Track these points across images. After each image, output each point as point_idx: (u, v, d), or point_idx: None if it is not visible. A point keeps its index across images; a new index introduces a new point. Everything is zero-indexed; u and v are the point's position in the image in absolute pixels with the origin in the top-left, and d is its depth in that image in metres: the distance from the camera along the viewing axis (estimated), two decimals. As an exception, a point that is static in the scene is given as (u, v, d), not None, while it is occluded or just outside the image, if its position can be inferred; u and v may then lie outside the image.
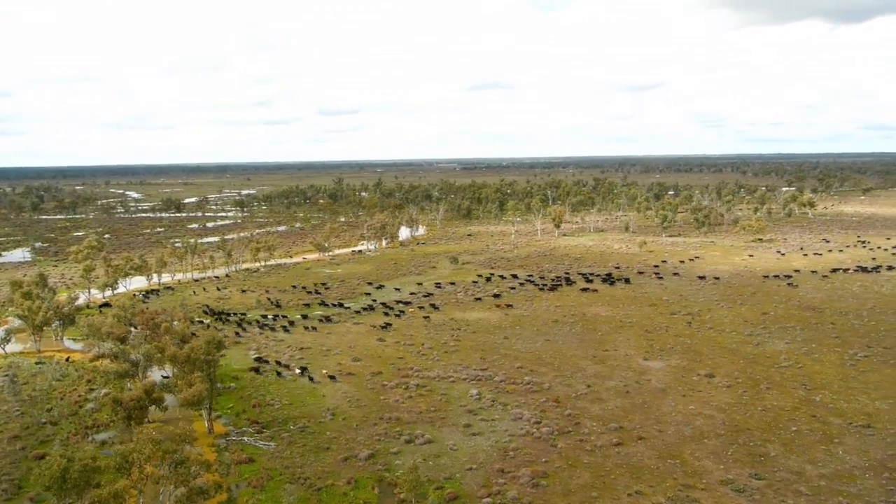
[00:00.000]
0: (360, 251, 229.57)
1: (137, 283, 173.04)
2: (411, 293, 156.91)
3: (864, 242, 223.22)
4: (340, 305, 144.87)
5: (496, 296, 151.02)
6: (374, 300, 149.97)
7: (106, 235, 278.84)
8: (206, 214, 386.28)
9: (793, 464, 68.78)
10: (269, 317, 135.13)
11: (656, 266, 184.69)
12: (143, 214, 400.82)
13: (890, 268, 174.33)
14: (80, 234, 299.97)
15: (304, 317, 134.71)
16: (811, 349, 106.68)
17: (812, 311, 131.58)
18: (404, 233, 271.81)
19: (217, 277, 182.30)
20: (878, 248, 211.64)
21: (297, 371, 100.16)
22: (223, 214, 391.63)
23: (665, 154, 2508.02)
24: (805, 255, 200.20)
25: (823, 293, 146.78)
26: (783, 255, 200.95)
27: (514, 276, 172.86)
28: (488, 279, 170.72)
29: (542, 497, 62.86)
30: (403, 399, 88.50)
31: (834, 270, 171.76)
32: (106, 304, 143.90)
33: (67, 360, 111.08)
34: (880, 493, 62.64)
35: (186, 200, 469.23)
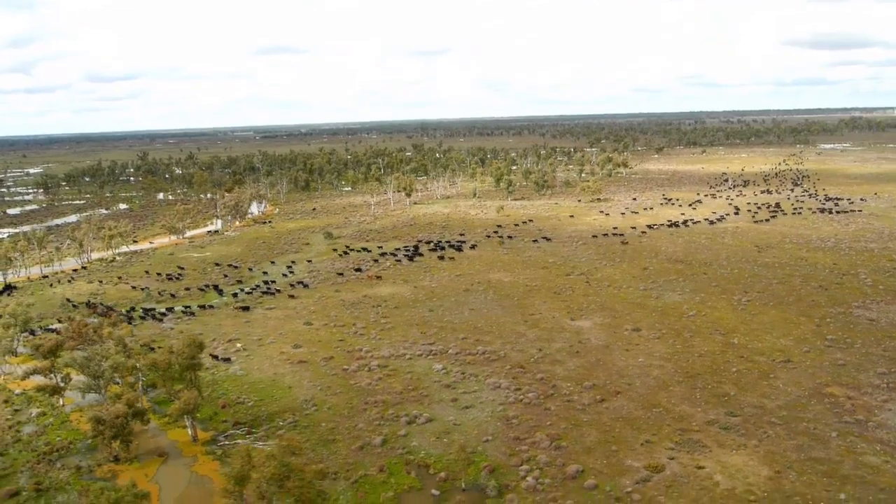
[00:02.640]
0: (215, 231, 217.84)
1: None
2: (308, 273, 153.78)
3: (670, 200, 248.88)
4: (219, 291, 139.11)
5: (357, 270, 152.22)
6: (267, 281, 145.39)
7: None
8: (5, 199, 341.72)
9: (751, 400, 79.51)
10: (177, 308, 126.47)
11: (499, 228, 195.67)
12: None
13: (696, 222, 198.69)
14: None
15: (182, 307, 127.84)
16: (703, 299, 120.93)
17: (681, 263, 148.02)
18: (253, 209, 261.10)
19: (75, 270, 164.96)
20: (687, 204, 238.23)
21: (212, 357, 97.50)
22: (21, 198, 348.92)
23: (458, 117, 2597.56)
24: (630, 212, 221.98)
25: (680, 247, 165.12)
26: (608, 214, 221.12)
27: (366, 250, 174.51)
28: (346, 253, 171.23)
29: (569, 457, 67.65)
30: (374, 381, 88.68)
31: (650, 227, 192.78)
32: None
33: None
34: (831, 416, 74.79)
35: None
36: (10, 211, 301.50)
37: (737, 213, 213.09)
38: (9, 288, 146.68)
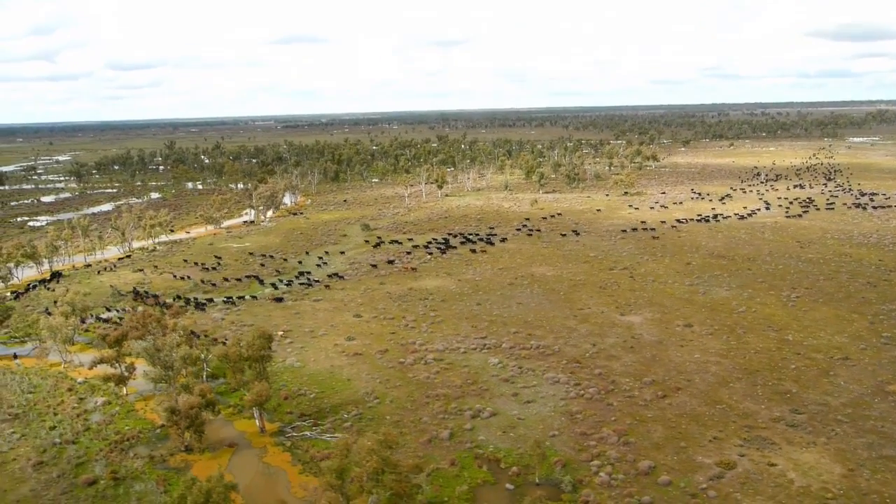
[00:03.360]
0: (251, 222, 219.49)
1: (30, 272, 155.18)
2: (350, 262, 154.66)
3: (700, 195, 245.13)
4: (261, 281, 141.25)
5: (390, 262, 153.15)
6: (304, 272, 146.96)
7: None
8: (39, 187, 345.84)
9: (814, 397, 79.33)
10: (231, 298, 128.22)
11: (526, 221, 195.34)
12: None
13: (725, 216, 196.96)
14: None
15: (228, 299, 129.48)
16: (750, 294, 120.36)
17: (723, 258, 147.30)
18: (286, 200, 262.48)
19: (120, 259, 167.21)
20: (717, 198, 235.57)
21: None
22: (53, 186, 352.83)
23: (476, 108, 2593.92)
24: (660, 207, 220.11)
25: (720, 242, 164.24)
26: (637, 208, 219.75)
27: (397, 242, 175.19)
28: (377, 245, 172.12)
29: (639, 453, 67.93)
30: (432, 375, 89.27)
31: (680, 220, 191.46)
32: (17, 295, 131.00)
33: (15, 356, 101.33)
34: (897, 414, 74.54)
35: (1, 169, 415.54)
36: (45, 199, 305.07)
37: (767, 209, 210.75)
38: (57, 275, 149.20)
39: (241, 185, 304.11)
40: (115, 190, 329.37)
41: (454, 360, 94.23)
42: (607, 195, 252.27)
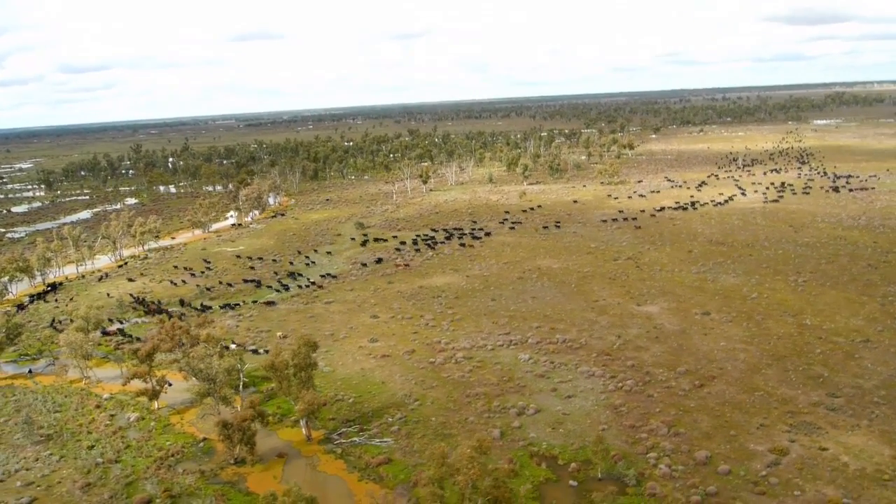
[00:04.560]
0: (238, 224, 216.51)
1: (21, 285, 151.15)
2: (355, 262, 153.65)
3: (675, 182, 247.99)
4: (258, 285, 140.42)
5: (378, 261, 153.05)
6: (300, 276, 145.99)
7: None
8: (9, 197, 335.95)
9: (847, 380, 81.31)
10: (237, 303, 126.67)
11: (507, 213, 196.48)
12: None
13: (703, 204, 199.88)
14: None
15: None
16: (758, 280, 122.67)
17: (723, 245, 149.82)
18: (270, 200, 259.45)
19: (120, 267, 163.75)
20: (696, 185, 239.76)
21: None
22: (22, 195, 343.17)
23: (438, 100, 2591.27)
24: (641, 195, 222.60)
25: (715, 229, 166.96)
26: (617, 198, 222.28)
27: (383, 239, 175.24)
28: (364, 244, 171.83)
29: (692, 443, 68.95)
30: (466, 374, 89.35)
31: (659, 209, 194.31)
32: (20, 307, 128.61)
33: (30, 372, 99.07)
34: (930, 394, 76.79)
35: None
36: (16, 209, 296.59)
37: (744, 195, 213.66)
38: (54, 287, 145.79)
39: (218, 188, 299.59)
40: (87, 197, 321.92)
41: (484, 357, 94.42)
42: (584, 186, 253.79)
